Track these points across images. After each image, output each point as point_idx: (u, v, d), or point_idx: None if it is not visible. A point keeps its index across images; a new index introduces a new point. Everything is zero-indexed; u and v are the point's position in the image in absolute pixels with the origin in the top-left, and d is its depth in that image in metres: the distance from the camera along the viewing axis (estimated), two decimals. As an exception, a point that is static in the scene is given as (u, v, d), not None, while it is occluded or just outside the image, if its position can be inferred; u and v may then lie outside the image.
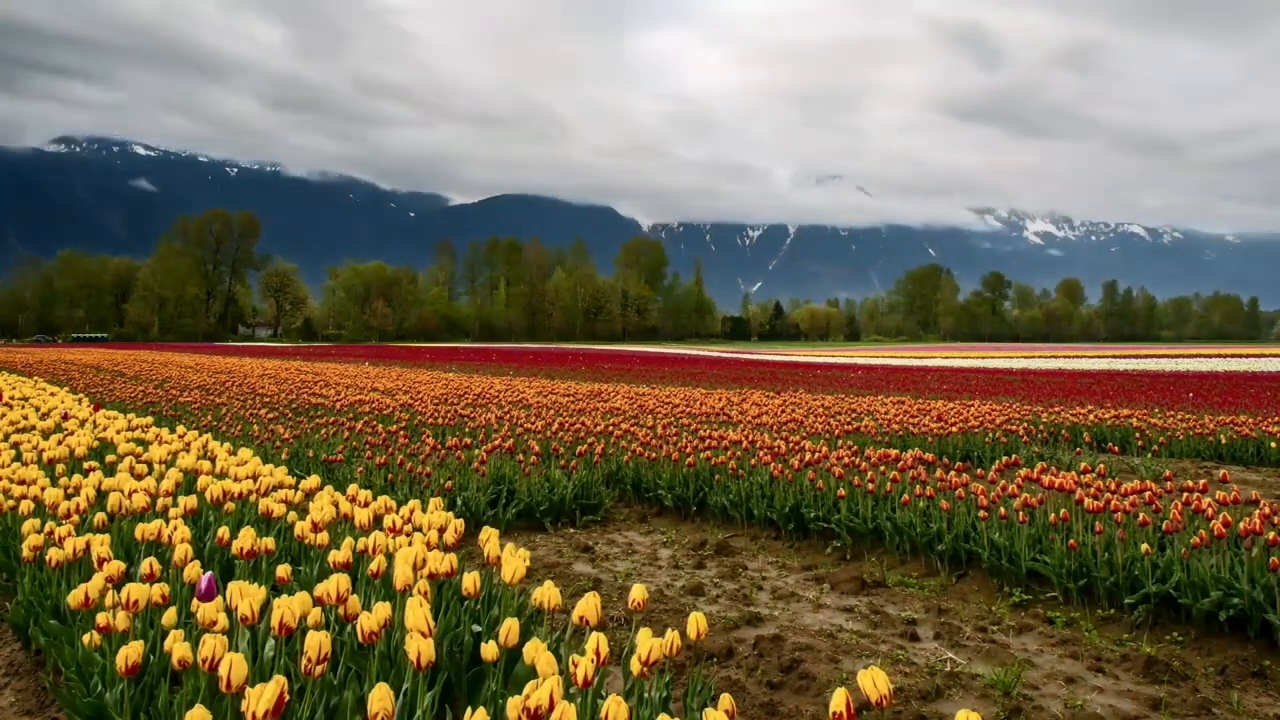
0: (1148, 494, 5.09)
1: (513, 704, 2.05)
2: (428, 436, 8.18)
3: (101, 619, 2.74)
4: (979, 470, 7.24)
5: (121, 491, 4.17)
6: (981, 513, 5.14)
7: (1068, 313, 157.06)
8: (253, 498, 4.47)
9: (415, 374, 22.03)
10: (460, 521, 3.72)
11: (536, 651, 2.32)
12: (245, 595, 2.60)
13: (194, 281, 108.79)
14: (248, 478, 4.76)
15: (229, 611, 2.64)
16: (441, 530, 3.64)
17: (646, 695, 2.57)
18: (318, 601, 2.80)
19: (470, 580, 2.97)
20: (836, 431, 9.08)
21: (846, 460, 6.49)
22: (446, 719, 2.65)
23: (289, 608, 2.49)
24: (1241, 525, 4.27)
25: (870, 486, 5.82)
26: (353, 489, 4.34)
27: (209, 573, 2.76)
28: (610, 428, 8.86)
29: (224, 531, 3.64)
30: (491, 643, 2.54)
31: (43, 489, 4.42)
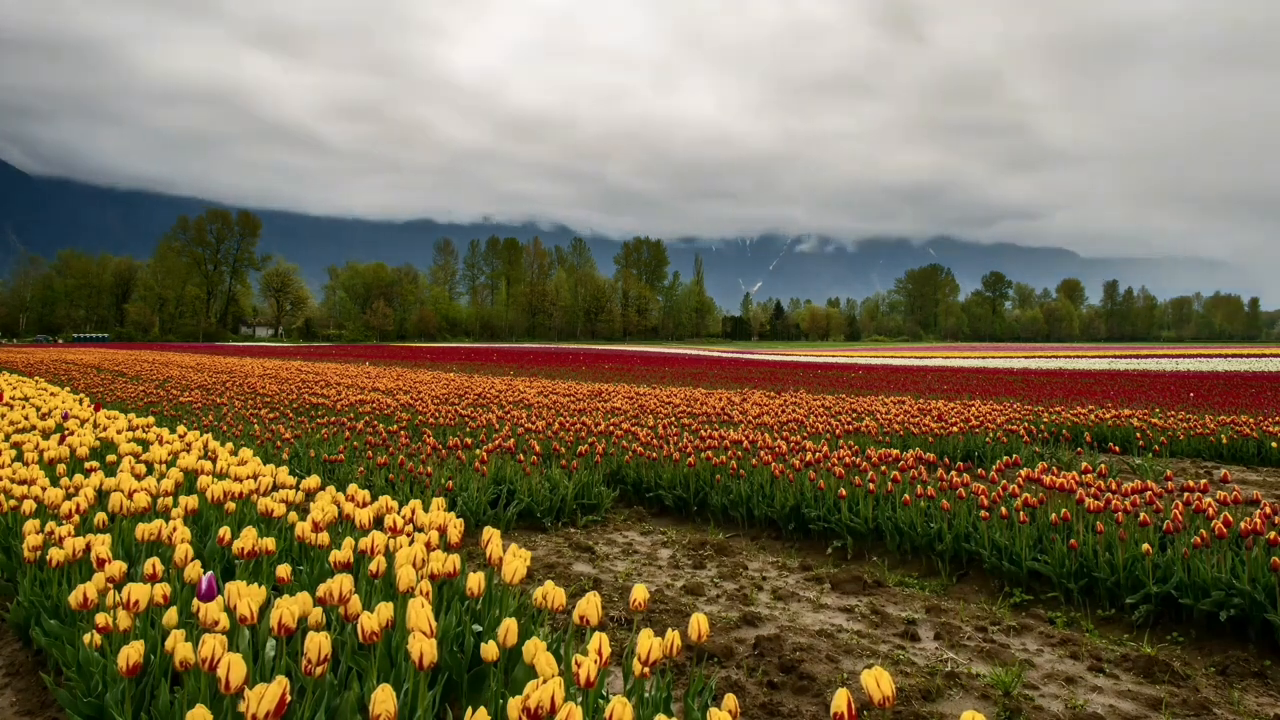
0: (1148, 494, 5.09)
1: (513, 704, 2.05)
2: (429, 436, 8.19)
3: (102, 619, 2.74)
4: (980, 470, 7.24)
5: (122, 492, 4.16)
6: (982, 513, 5.14)
7: (1068, 313, 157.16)
8: (253, 498, 4.47)
9: (416, 374, 22.04)
10: (461, 521, 3.72)
11: (536, 651, 2.32)
12: (245, 595, 2.60)
13: (194, 281, 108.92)
14: (248, 478, 4.75)
15: (230, 611, 2.64)
16: (443, 530, 3.64)
17: (647, 695, 2.57)
18: (319, 602, 2.80)
19: (474, 580, 2.97)
20: (838, 431, 9.08)
21: (848, 460, 6.49)
22: (447, 719, 2.65)
23: (289, 608, 2.49)
24: (1242, 525, 4.27)
25: (871, 486, 5.82)
26: (353, 489, 4.34)
27: (210, 573, 2.76)
28: (611, 428, 8.86)
29: (225, 531, 3.64)
30: (492, 643, 2.54)
31: (44, 489, 4.42)
